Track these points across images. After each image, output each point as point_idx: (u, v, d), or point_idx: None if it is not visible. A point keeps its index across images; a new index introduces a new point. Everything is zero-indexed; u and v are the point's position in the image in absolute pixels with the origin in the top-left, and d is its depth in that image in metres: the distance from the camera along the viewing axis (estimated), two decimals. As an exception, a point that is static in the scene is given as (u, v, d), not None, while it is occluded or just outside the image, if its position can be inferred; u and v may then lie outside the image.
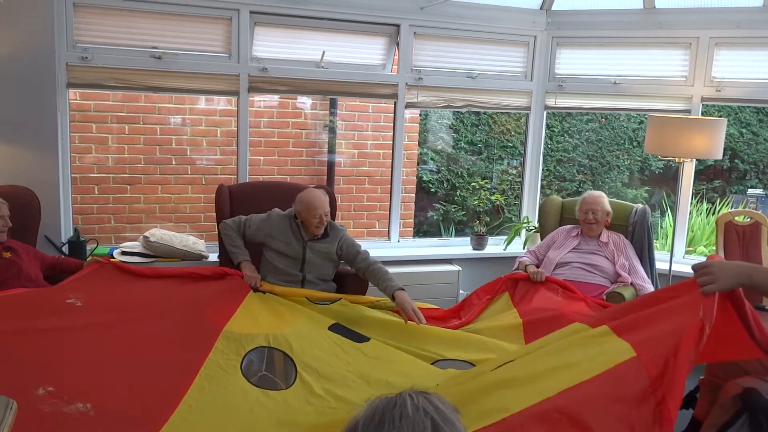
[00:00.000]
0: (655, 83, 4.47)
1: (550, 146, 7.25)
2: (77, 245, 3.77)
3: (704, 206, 6.52)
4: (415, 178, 6.29)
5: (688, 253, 4.77)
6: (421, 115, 6.50)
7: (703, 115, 4.43)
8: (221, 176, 5.32)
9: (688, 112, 4.35)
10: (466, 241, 4.85)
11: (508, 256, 4.50)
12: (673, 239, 4.29)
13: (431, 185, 7.05)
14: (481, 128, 7.26)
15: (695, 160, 4.33)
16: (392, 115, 4.52)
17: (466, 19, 4.37)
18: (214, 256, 3.99)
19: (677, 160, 4.07)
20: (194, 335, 2.75)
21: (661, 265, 4.08)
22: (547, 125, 4.99)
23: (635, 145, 7.58)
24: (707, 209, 6.49)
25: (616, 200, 4.30)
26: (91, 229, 4.90)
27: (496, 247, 4.79)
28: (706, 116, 4.50)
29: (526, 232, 4.73)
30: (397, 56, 4.40)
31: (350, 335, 2.96)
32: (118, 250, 3.99)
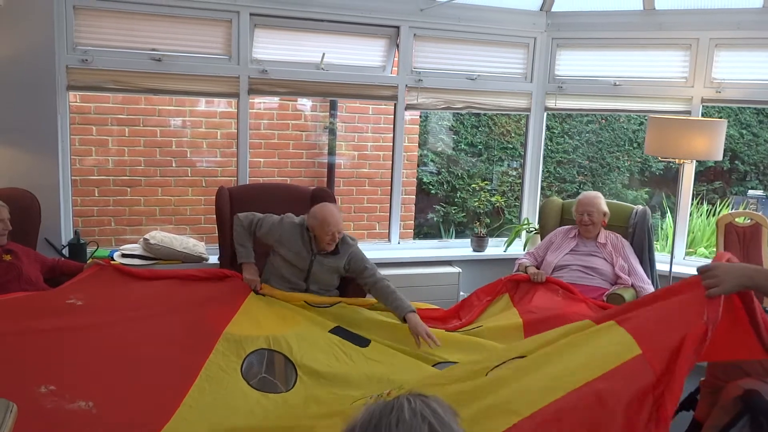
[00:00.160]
0: (655, 84, 4.47)
1: (550, 147, 7.25)
2: (77, 248, 3.77)
3: (704, 207, 6.52)
4: (415, 179, 6.29)
5: (688, 254, 4.77)
6: (421, 116, 6.50)
7: (703, 116, 4.42)
8: (221, 178, 5.31)
9: (688, 113, 4.34)
10: (466, 242, 4.85)
11: (508, 257, 4.49)
12: (673, 241, 4.29)
13: (431, 187, 7.05)
14: (481, 130, 7.25)
15: (695, 161, 4.33)
16: (392, 116, 4.52)
17: (465, 20, 4.37)
18: (214, 258, 3.99)
19: (677, 161, 4.06)
20: (195, 337, 2.75)
21: (661, 266, 4.07)
22: (547, 126, 4.99)
23: (635, 146, 7.58)
24: (707, 210, 6.48)
25: (616, 202, 4.30)
26: (91, 231, 4.89)
27: (496, 248, 4.79)
28: (706, 117, 4.49)
29: (526, 233, 4.73)
30: (397, 58, 4.40)
31: (351, 338, 2.96)
32: (118, 252, 3.99)
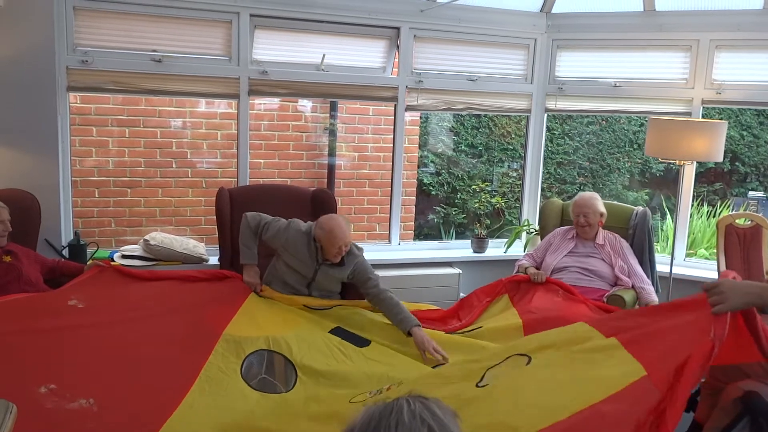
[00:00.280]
0: (655, 86, 4.47)
1: (550, 149, 7.24)
2: (77, 249, 3.77)
3: (705, 209, 6.52)
4: (415, 180, 6.28)
5: (688, 256, 4.76)
6: (421, 117, 6.50)
7: (703, 117, 4.42)
8: (221, 179, 5.31)
9: (688, 114, 4.34)
10: (466, 243, 4.85)
11: (508, 258, 4.49)
12: (673, 242, 4.29)
13: (432, 188, 7.05)
14: (481, 131, 7.25)
15: (696, 162, 4.33)
16: (392, 117, 4.53)
17: (466, 21, 4.37)
18: (214, 259, 3.99)
19: (678, 162, 4.06)
20: (195, 338, 2.75)
21: (661, 267, 4.06)
22: (547, 128, 5.00)
23: (636, 147, 7.58)
24: (708, 212, 6.48)
25: (616, 203, 4.29)
26: (91, 232, 4.89)
27: (496, 249, 4.78)
28: (706, 119, 4.49)
29: (526, 234, 4.73)
30: (397, 59, 4.40)
31: (351, 339, 2.96)
32: (118, 253, 3.99)
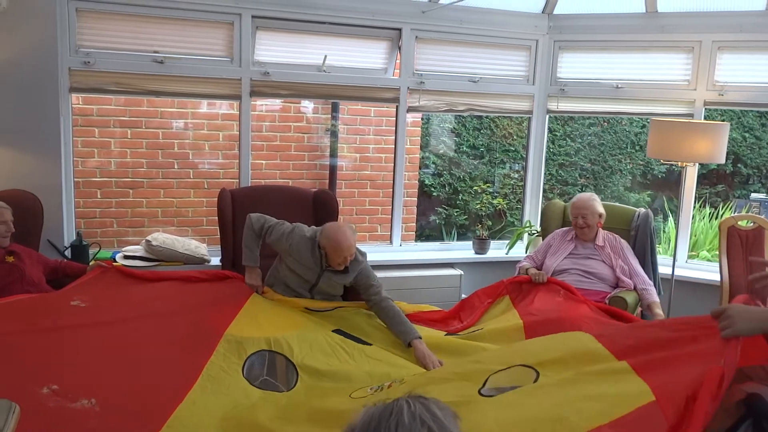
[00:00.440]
0: (657, 87, 4.46)
1: (552, 150, 7.24)
2: (80, 249, 3.78)
3: (707, 210, 6.50)
4: (417, 182, 6.28)
5: (690, 257, 4.75)
6: (422, 119, 6.50)
7: (705, 119, 4.42)
8: (223, 180, 5.32)
9: (690, 116, 4.34)
10: (468, 245, 4.85)
11: (510, 260, 4.49)
12: (675, 244, 4.28)
13: (433, 189, 7.05)
14: (483, 132, 7.25)
15: (698, 164, 4.32)
16: (394, 118, 4.53)
17: (467, 23, 4.38)
18: (216, 260, 3.99)
19: (680, 164, 4.05)
20: (196, 338, 2.75)
21: (663, 269, 4.06)
22: (549, 129, 5.00)
23: (637, 149, 7.57)
24: (710, 213, 6.47)
25: (618, 204, 4.29)
26: (93, 233, 4.90)
27: (498, 251, 4.78)
28: (708, 120, 4.49)
29: (528, 236, 4.73)
30: (398, 60, 4.41)
31: (352, 338, 2.96)
32: (120, 254, 3.99)
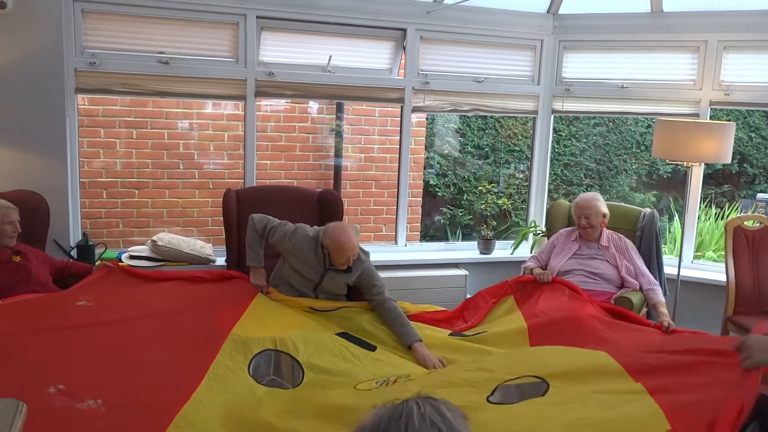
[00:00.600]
0: (662, 87, 4.45)
1: (557, 150, 7.23)
2: (86, 249, 3.79)
3: (713, 211, 6.49)
4: (421, 182, 6.28)
5: (696, 258, 4.74)
6: (427, 119, 6.49)
7: (711, 119, 4.40)
8: (228, 180, 5.32)
9: (696, 116, 4.32)
10: (473, 245, 4.84)
11: (515, 260, 4.47)
12: (681, 244, 4.27)
13: (438, 189, 7.04)
14: (487, 132, 7.24)
15: (704, 164, 4.31)
16: (399, 119, 4.53)
17: (472, 23, 4.37)
18: (221, 260, 4.00)
19: (685, 164, 4.04)
20: (202, 337, 2.76)
21: (669, 270, 4.04)
22: (554, 129, 4.98)
23: (643, 149, 7.55)
24: (716, 214, 6.45)
25: (623, 204, 4.28)
26: (99, 233, 4.92)
27: (503, 251, 4.77)
28: (714, 120, 4.47)
29: (533, 236, 4.72)
30: (403, 60, 4.40)
31: (358, 343, 2.96)
32: (126, 254, 4.00)
